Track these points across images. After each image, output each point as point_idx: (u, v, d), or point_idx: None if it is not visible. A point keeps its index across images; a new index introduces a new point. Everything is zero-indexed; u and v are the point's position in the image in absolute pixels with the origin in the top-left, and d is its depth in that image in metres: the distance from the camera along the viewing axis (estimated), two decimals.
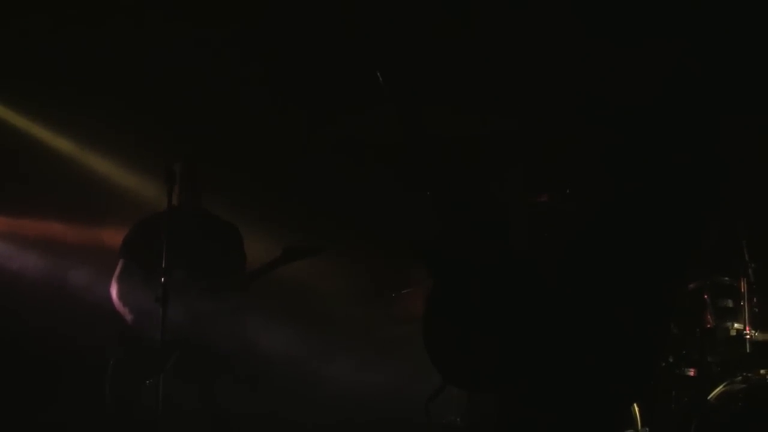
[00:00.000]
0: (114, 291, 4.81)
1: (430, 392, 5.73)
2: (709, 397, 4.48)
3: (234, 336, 4.76)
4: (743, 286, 4.64)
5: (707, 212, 2.43)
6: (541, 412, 2.31)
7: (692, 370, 4.69)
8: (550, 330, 2.31)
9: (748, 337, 4.63)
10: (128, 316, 4.69)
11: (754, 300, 4.68)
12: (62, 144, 5.83)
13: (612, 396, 2.32)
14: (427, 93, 4.66)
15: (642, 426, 4.21)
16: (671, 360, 4.68)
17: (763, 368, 4.56)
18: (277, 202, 5.88)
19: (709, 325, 4.68)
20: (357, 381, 5.57)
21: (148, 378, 4.46)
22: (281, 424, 5.43)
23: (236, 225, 5.08)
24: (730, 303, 4.70)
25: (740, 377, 4.53)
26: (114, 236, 5.05)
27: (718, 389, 4.52)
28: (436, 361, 2.48)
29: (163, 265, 4.31)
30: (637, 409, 4.24)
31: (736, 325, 4.66)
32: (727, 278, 4.72)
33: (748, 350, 4.63)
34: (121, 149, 5.80)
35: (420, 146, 2.69)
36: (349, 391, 5.56)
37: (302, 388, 5.63)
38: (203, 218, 5.00)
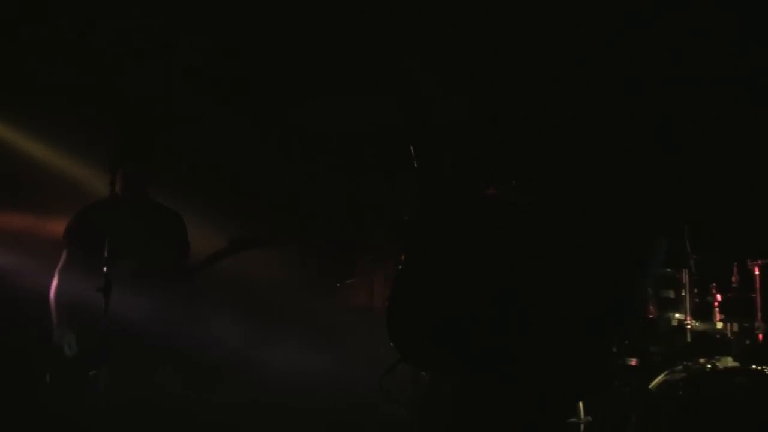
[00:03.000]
0: (53, 283, 4.74)
1: (373, 376, 5.76)
2: (650, 386, 4.54)
3: (178, 326, 4.72)
4: (685, 278, 4.72)
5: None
6: (497, 395, 2.32)
7: (634, 359, 4.75)
8: (512, 316, 2.32)
9: (689, 327, 4.71)
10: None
11: (695, 291, 4.76)
12: None
13: (568, 386, 2.34)
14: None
15: (585, 415, 4.26)
16: (614, 350, 4.74)
17: (702, 357, 4.65)
18: (224, 192, 5.83)
19: (651, 316, 4.75)
20: (300, 369, 5.56)
21: (91, 370, 4.42)
22: (225, 411, 5.40)
23: (180, 214, 5.04)
24: (671, 294, 4.77)
25: (681, 366, 4.61)
26: (56, 225, 4.95)
27: (659, 378, 4.59)
28: (399, 339, 2.47)
29: (106, 255, 4.27)
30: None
31: (677, 316, 4.74)
32: (669, 269, 4.79)
33: (688, 340, 4.71)
34: (62, 135, 5.68)
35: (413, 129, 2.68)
36: (292, 379, 5.55)
37: (246, 376, 5.60)
38: (147, 207, 4.94)
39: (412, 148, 2.65)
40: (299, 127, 6.06)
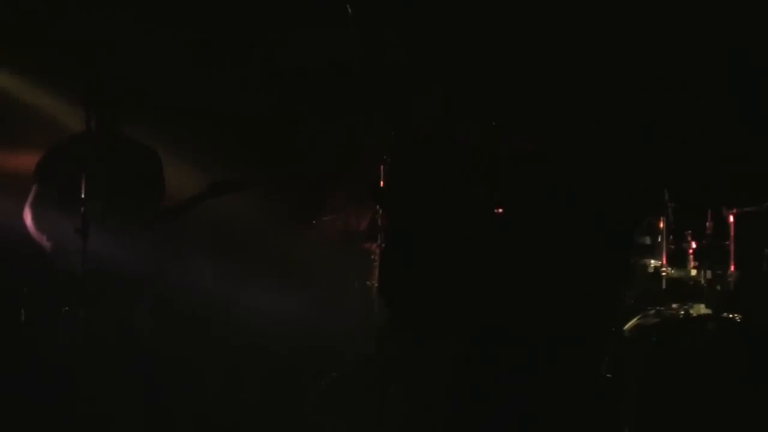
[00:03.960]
0: (28, 217, 4.65)
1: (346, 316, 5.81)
2: (624, 329, 4.61)
3: (154, 267, 4.68)
4: (662, 225, 4.76)
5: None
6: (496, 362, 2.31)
7: None
8: (507, 281, 2.30)
9: (664, 273, 4.77)
10: (46, 243, 4.55)
11: (671, 238, 4.81)
12: None
13: (564, 357, 2.34)
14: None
15: None
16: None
17: (675, 303, 4.73)
18: (201, 133, 5.73)
19: None
20: (274, 309, 5.57)
21: (64, 305, 4.38)
22: (196, 351, 5.41)
23: (156, 152, 4.94)
24: (648, 240, 4.82)
25: (653, 311, 4.68)
26: (27, 161, 4.84)
27: (632, 322, 4.66)
28: (393, 306, 2.43)
29: (82, 195, 4.20)
30: None
31: (653, 263, 4.79)
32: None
33: (663, 287, 4.78)
34: (34, 67, 5.52)
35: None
36: (267, 320, 5.56)
37: (221, 318, 5.60)
38: (121, 144, 4.83)
39: (376, 86, 2.54)
40: (272, 63, 5.95)
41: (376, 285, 5.77)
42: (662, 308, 4.67)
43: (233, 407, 5.11)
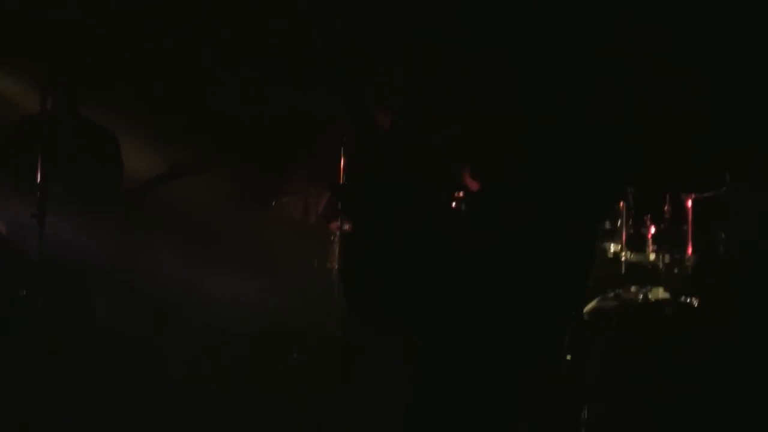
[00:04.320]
0: None
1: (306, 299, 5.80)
2: (583, 311, 4.66)
3: (114, 251, 4.62)
4: (622, 209, 4.80)
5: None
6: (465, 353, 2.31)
7: None
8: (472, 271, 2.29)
9: (623, 258, 4.82)
10: (1, 226, 4.48)
11: (630, 222, 4.85)
12: None
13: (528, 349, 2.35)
14: None
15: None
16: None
17: (634, 286, 4.78)
18: (161, 114, 5.65)
19: None
20: (237, 293, 5.54)
21: (21, 290, 4.33)
22: (161, 337, 5.36)
23: (113, 133, 4.86)
24: (608, 225, 4.86)
25: (612, 294, 4.73)
26: None
27: (591, 304, 4.71)
28: (355, 304, 2.43)
29: (38, 179, 4.12)
30: None
31: (612, 248, 4.84)
32: None
33: (623, 271, 4.82)
34: None
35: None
36: (229, 303, 5.53)
37: (182, 302, 5.55)
38: (78, 125, 4.75)
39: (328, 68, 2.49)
40: (229, 44, 5.87)
41: (336, 267, 5.76)
42: (621, 291, 4.72)
43: (195, 391, 5.08)
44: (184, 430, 4.60)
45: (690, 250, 4.80)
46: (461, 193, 3.56)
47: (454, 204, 3.91)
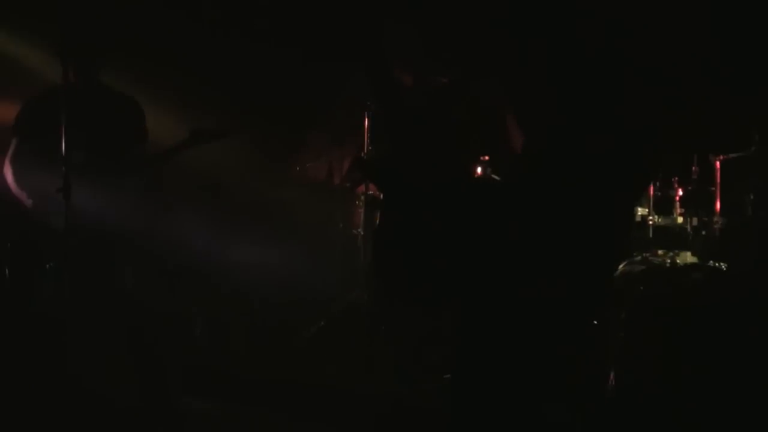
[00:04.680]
0: (9, 173, 4.58)
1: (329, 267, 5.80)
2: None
3: (138, 219, 4.62)
4: None
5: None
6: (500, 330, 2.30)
7: None
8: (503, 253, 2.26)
9: (651, 222, 4.77)
10: (27, 200, 4.49)
11: (657, 185, 4.80)
12: None
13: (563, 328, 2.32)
14: None
15: None
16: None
17: (661, 249, 4.74)
18: (183, 81, 5.62)
19: None
20: (262, 259, 5.55)
21: (48, 262, 4.34)
22: (181, 306, 5.39)
23: (137, 100, 4.84)
24: None
25: (639, 258, 4.68)
26: (5, 114, 4.74)
27: (618, 268, 4.67)
28: (385, 279, 2.40)
29: (63, 152, 4.11)
30: None
31: (640, 211, 4.79)
32: None
33: (650, 235, 4.78)
34: (11, 19, 5.37)
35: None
36: (254, 269, 5.54)
37: (208, 269, 5.58)
38: (100, 93, 4.73)
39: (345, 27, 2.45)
40: (248, 7, 5.82)
41: (362, 233, 5.75)
42: (648, 255, 4.68)
43: (221, 358, 5.13)
44: (212, 396, 4.65)
45: (718, 212, 4.75)
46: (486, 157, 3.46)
47: (479, 169, 3.88)
